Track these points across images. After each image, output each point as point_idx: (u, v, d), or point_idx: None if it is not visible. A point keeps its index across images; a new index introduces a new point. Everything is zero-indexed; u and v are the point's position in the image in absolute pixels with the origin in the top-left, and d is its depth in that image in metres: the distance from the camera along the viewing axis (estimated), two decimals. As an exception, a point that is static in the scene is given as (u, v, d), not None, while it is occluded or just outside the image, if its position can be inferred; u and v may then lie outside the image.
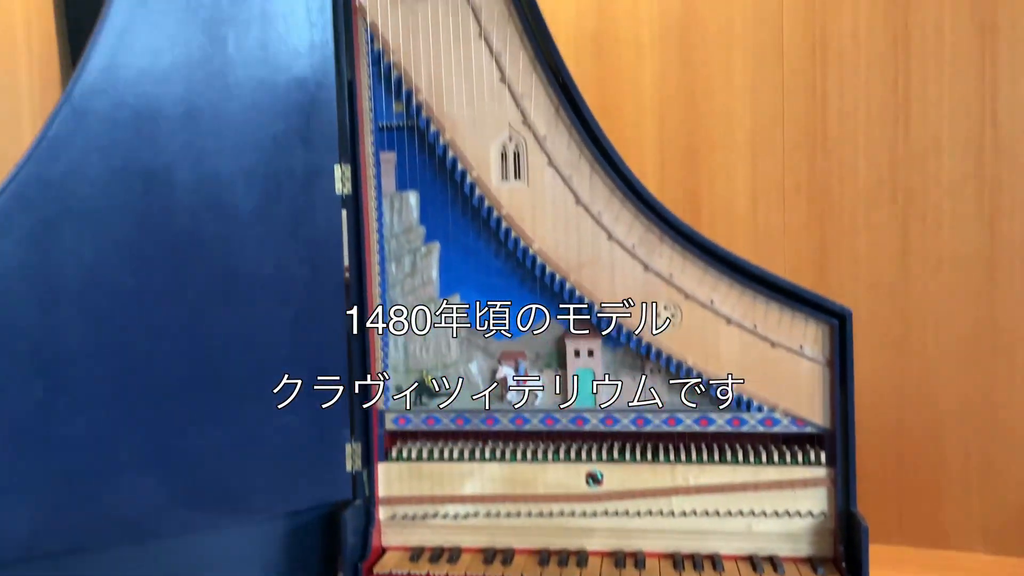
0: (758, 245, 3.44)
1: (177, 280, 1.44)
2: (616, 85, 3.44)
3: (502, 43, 1.56)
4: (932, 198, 3.30)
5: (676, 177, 3.53)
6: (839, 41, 3.22)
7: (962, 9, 3.03)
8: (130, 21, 1.39)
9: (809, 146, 3.41)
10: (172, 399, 1.44)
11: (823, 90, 3.32)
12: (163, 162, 1.41)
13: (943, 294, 3.32)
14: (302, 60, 1.52)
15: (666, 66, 3.37)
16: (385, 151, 1.62)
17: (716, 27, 3.34)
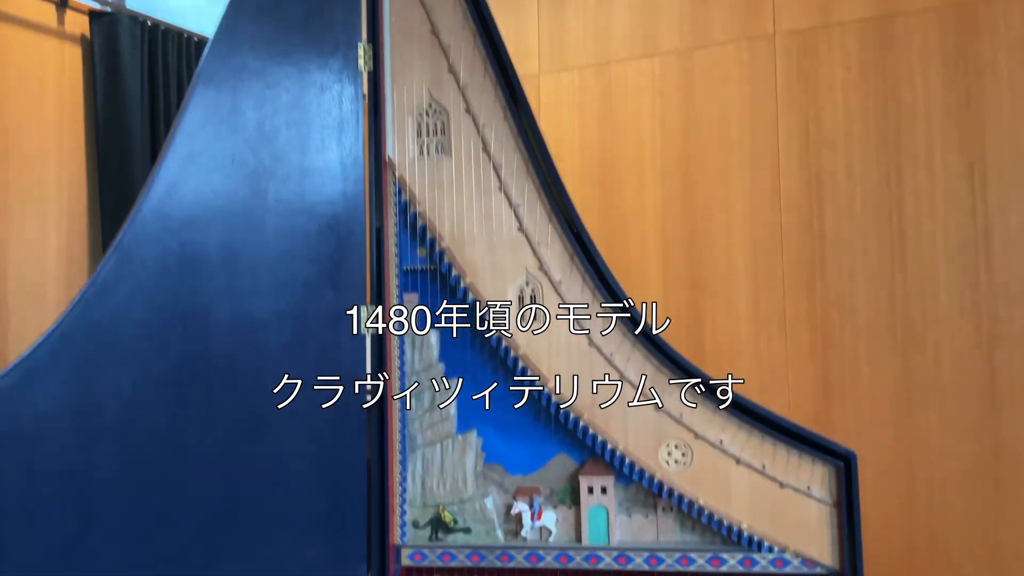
0: (761, 374, 3.51)
1: (210, 417, 1.50)
2: (620, 218, 3.59)
3: (520, 196, 1.67)
4: (931, 331, 3.39)
5: (680, 306, 3.63)
6: (833, 178, 3.38)
7: (951, 147, 3.20)
8: (180, 175, 1.50)
9: (808, 278, 3.52)
10: (200, 534, 1.48)
11: (820, 225, 3.46)
12: (202, 304, 1.50)
13: (946, 425, 3.36)
14: (335, 209, 1.63)
15: (668, 200, 3.53)
16: (408, 292, 1.71)
17: (715, 164, 3.51)
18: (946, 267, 3.33)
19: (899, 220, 3.33)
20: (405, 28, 1.68)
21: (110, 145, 2.96)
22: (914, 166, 3.25)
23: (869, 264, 3.39)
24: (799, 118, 3.37)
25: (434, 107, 1.69)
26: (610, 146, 3.66)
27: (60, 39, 2.97)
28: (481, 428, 1.69)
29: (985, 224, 3.22)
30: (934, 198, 3.24)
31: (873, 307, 3.47)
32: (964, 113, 3.16)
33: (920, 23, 3.17)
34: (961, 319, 3.33)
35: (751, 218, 3.45)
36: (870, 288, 3.44)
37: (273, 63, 1.57)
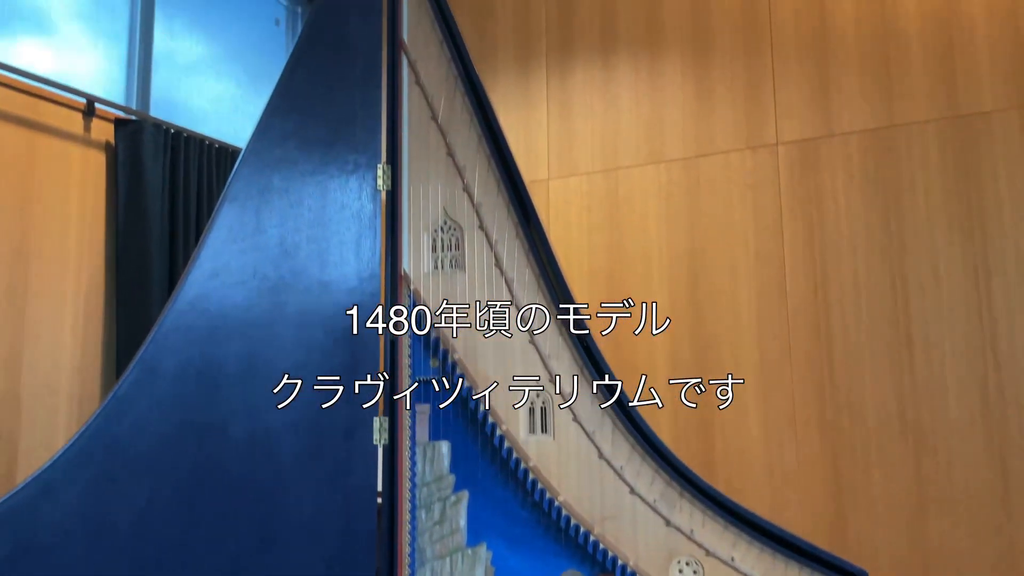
0: (772, 478, 3.49)
1: (222, 528, 1.51)
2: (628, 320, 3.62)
3: (530, 309, 1.71)
4: (941, 436, 3.37)
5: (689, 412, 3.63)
6: (839, 283, 3.43)
7: (954, 254, 3.26)
8: (204, 290, 1.56)
9: (817, 382, 3.54)
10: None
11: (827, 329, 3.49)
12: (219, 417, 1.53)
13: (960, 531, 3.31)
14: (351, 323, 1.67)
15: (675, 303, 3.58)
16: (421, 403, 1.73)
17: (722, 267, 3.58)
18: (955, 371, 3.35)
19: (906, 324, 3.36)
20: (422, 149, 1.76)
21: (129, 247, 3.04)
22: (919, 271, 3.30)
23: (878, 368, 3.41)
24: (803, 224, 3.45)
25: (449, 224, 1.76)
26: (618, 247, 3.73)
27: (86, 145, 3.08)
28: (491, 541, 1.69)
29: (992, 329, 3.25)
30: (940, 303, 3.27)
31: (883, 411, 3.47)
32: (966, 220, 3.23)
33: (920, 134, 3.27)
34: (972, 424, 3.32)
35: (758, 321, 3.49)
36: (879, 392, 3.44)
37: (297, 182, 1.65)
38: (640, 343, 3.62)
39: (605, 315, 3.29)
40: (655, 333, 3.56)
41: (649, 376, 3.59)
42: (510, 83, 4.06)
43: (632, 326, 3.63)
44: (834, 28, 3.45)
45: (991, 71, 3.20)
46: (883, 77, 3.36)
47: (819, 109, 3.50)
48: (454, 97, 1.76)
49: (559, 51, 3.99)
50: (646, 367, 3.61)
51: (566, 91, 3.98)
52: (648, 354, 3.58)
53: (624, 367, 3.52)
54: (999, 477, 3.28)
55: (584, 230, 3.87)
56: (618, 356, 3.55)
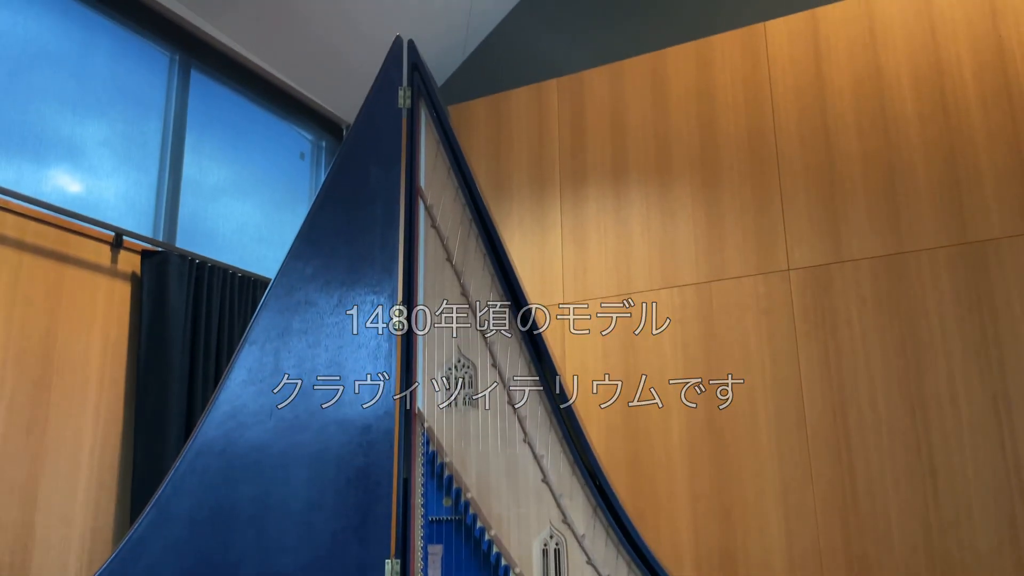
0: (800, 614, 3.36)
1: None
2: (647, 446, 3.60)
3: (543, 446, 1.72)
4: (970, 565, 3.26)
5: (711, 539, 3.55)
6: (858, 409, 3.41)
7: (972, 380, 3.24)
8: (220, 431, 1.58)
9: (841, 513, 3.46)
10: None
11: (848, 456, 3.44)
12: (232, 560, 1.53)
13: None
14: (363, 460, 1.68)
15: (693, 429, 3.55)
16: (433, 544, 1.72)
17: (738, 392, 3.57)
18: (980, 499, 3.27)
19: (928, 453, 3.32)
20: (438, 290, 1.81)
21: (149, 379, 3.08)
22: (938, 399, 3.27)
23: (901, 498, 3.34)
24: (819, 349, 3.45)
25: (463, 362, 1.79)
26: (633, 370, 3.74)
27: (112, 276, 3.16)
28: None
29: (1015, 457, 3.20)
30: (961, 431, 3.23)
31: (909, 543, 3.38)
32: (982, 347, 3.22)
33: (930, 260, 3.31)
34: (1000, 554, 3.22)
35: (778, 447, 3.44)
36: (904, 522, 3.36)
37: (315, 323, 1.70)
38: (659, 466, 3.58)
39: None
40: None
41: (669, 500, 3.54)
42: (525, 211, 4.18)
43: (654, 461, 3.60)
44: (840, 157, 3.56)
45: (997, 197, 3.27)
46: (890, 204, 3.44)
47: (829, 235, 3.56)
48: (468, 239, 1.83)
49: (572, 179, 4.13)
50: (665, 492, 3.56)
51: (580, 218, 4.09)
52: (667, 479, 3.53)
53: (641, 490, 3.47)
54: None
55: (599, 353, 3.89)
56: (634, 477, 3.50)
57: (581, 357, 3.83)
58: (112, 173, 3.30)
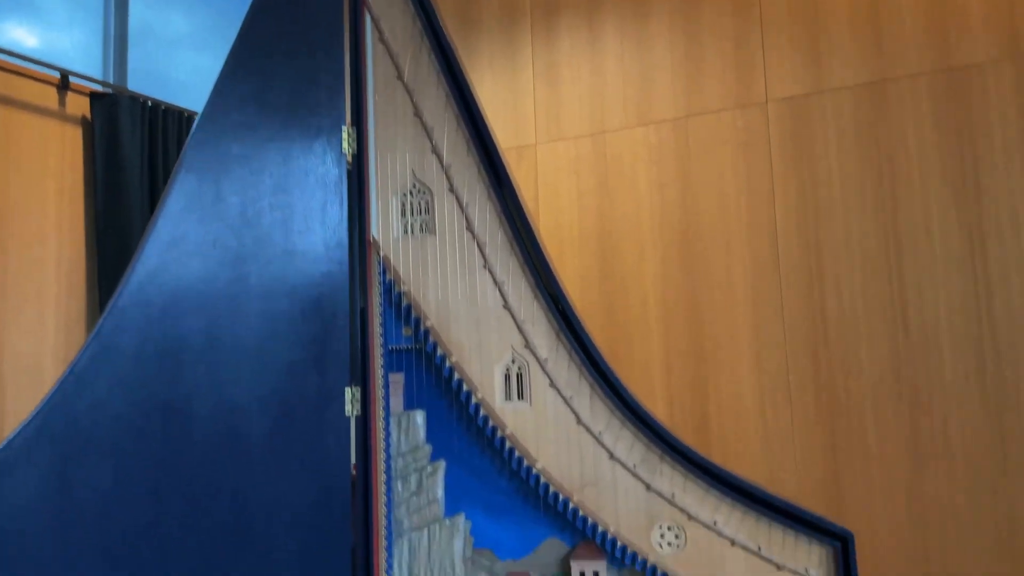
0: (768, 442, 3.45)
1: (190, 511, 1.47)
2: (620, 285, 3.59)
3: (504, 273, 1.66)
4: (937, 394, 3.33)
5: (683, 375, 3.60)
6: (832, 242, 3.38)
7: (948, 210, 3.20)
8: (161, 262, 1.51)
9: (811, 344, 3.49)
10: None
11: (820, 289, 3.44)
12: (183, 394, 1.49)
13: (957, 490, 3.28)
14: (319, 291, 1.62)
15: (668, 266, 3.52)
16: (394, 372, 1.69)
17: (713, 230, 3.52)
18: (949, 330, 3.30)
19: (899, 284, 3.32)
20: (388, 110, 1.70)
21: (109, 224, 2.99)
22: (912, 230, 3.25)
23: (872, 328, 3.37)
24: (795, 183, 3.38)
25: (418, 187, 1.70)
26: (608, 213, 3.67)
27: (61, 120, 3.02)
28: (469, 512, 1.65)
29: (987, 286, 3.20)
30: (934, 261, 3.22)
31: (878, 372, 3.43)
32: (959, 176, 3.16)
33: (911, 88, 3.20)
34: (967, 382, 3.29)
35: (752, 284, 3.44)
36: (874, 352, 3.40)
37: (257, 148, 1.59)
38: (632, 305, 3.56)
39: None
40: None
41: (642, 341, 3.55)
42: (495, 48, 3.98)
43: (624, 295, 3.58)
44: (822, -21, 3.36)
45: (983, 21, 3.11)
46: (873, 30, 3.28)
47: (809, 64, 3.42)
48: (420, 55, 1.70)
49: (544, 13, 3.90)
50: (639, 333, 3.57)
51: (552, 54, 3.89)
52: (641, 320, 3.53)
53: (616, 333, 3.48)
54: (996, 435, 3.25)
55: (573, 197, 3.81)
56: (609, 322, 3.51)
57: (555, 200, 3.75)
58: (61, 20, 3.08)
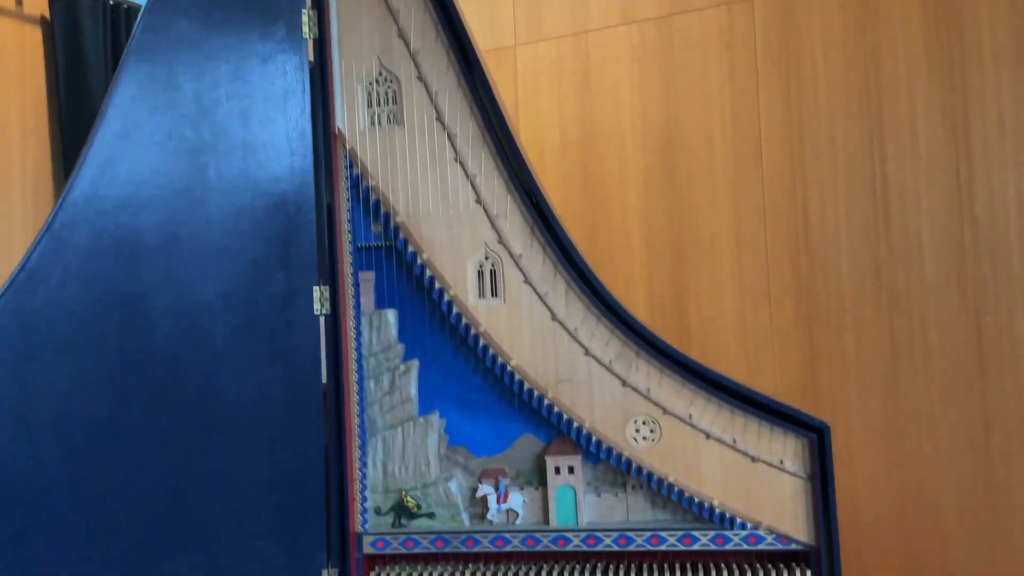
0: (747, 345, 3.45)
1: (154, 409, 1.44)
2: (602, 189, 3.52)
3: (477, 166, 1.60)
4: (917, 297, 3.32)
5: (664, 281, 3.56)
6: (816, 146, 3.31)
7: (934, 112, 3.12)
8: (113, 153, 1.43)
9: (792, 248, 3.46)
10: (147, 529, 1.42)
11: (803, 193, 3.39)
12: (142, 290, 1.43)
13: (934, 391, 3.31)
14: (282, 185, 1.56)
15: (650, 174, 3.45)
16: (364, 271, 1.64)
17: (696, 137, 3.44)
18: (930, 232, 3.27)
19: (883, 186, 3.27)
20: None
21: (74, 127, 2.88)
22: (897, 132, 3.18)
23: (853, 231, 3.33)
24: (780, 85, 3.29)
25: (384, 75, 1.62)
26: (590, 117, 3.58)
27: (19, 21, 2.88)
28: (443, 409, 1.63)
29: (969, 189, 3.16)
30: (917, 163, 3.17)
31: (858, 274, 3.41)
32: (947, 78, 3.08)
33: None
34: (947, 285, 3.27)
35: (734, 188, 3.38)
36: (854, 255, 3.37)
37: (211, 33, 1.50)
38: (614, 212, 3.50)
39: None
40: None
41: (623, 246, 3.50)
42: (471, -58, 3.80)
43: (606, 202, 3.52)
44: None
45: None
46: (864, -82, 3.14)
47: (797, -44, 3.28)
48: (383, -68, 1.59)
49: (522, -97, 3.72)
50: (620, 238, 3.51)
51: (530, -52, 3.72)
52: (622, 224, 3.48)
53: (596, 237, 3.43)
54: (973, 338, 3.25)
55: (555, 100, 3.70)
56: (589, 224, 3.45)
57: (535, 106, 3.64)
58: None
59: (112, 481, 1.39)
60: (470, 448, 1.63)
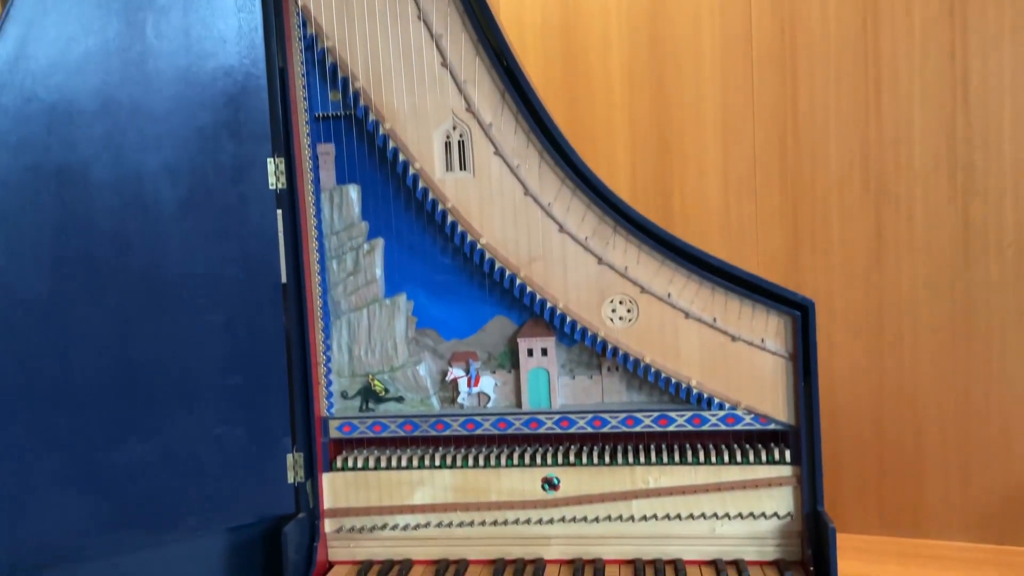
0: (730, 235, 3.37)
1: (97, 284, 1.34)
2: (585, 76, 3.37)
3: (442, 25, 1.47)
4: (904, 184, 3.24)
5: (648, 168, 3.46)
6: (807, 26, 3.16)
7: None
8: (40, 9, 1.29)
9: (779, 134, 3.34)
10: (94, 412, 1.35)
11: (793, 76, 3.25)
12: (79, 159, 1.32)
13: (918, 281, 3.27)
14: (229, 47, 1.43)
15: (635, 56, 3.29)
16: (322, 143, 1.53)
17: (683, 16, 3.27)
18: (922, 115, 3.17)
19: (875, 65, 3.14)
20: None
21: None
22: (891, 8, 3.04)
23: (843, 116, 3.22)
24: (771, -44, 3.12)
25: (339, -76, 1.47)
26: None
27: None
28: (411, 291, 1.55)
29: (964, 69, 3.04)
30: (912, 41, 3.03)
31: (846, 159, 3.31)
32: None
33: None
34: (936, 170, 3.19)
35: (721, 69, 3.24)
36: (843, 139, 3.27)
37: None
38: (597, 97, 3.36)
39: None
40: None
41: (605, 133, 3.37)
42: None
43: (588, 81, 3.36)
44: None
45: None
46: None
47: None
48: None
49: None
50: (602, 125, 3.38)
51: None
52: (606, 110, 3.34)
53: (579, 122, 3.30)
54: (960, 226, 3.19)
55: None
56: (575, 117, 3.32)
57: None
58: None
59: (54, 361, 1.31)
60: (439, 331, 1.56)
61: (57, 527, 1.34)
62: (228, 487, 1.45)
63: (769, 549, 1.45)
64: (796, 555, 1.44)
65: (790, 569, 1.41)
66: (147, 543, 1.40)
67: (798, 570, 1.41)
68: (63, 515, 1.34)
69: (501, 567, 1.48)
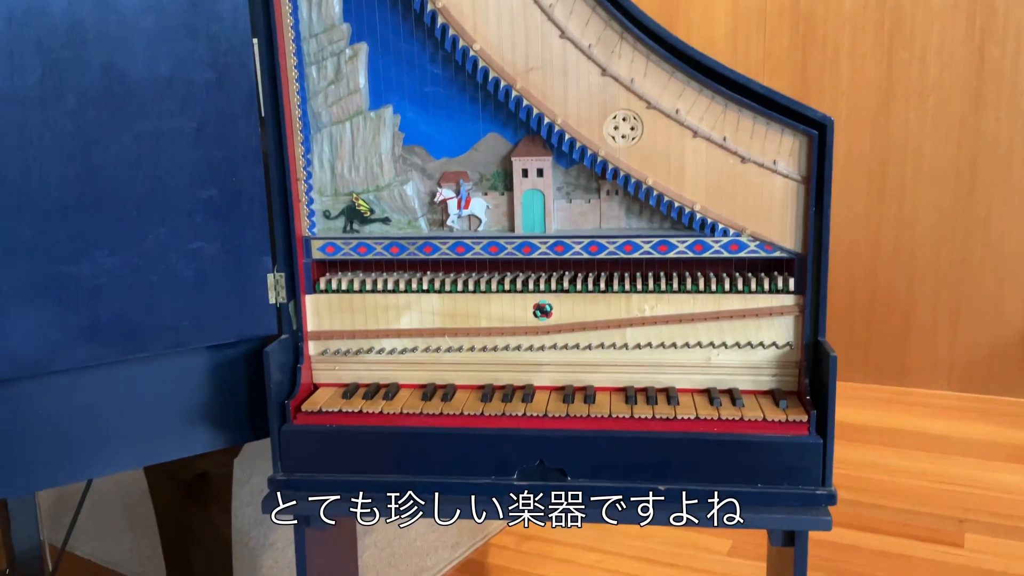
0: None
1: (53, 84, 1.22)
2: None
3: None
4: (920, 23, 3.07)
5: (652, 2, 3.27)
6: None
7: None
8: None
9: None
10: (60, 221, 1.25)
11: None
12: None
13: (925, 126, 3.15)
14: None
15: None
16: (298, -63, 1.37)
17: None
18: (948, -53, 2.99)
19: None
20: None
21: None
22: None
23: (863, -57, 3.03)
24: None
25: None
26: None
27: None
28: (398, 104, 1.43)
29: None
30: None
31: None
32: None
33: None
34: (955, 11, 3.02)
35: None
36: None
37: None
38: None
39: None
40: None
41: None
42: None
43: None
44: None
45: None
46: None
47: None
48: None
49: None
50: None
51: None
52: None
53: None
54: (974, 69, 3.05)
55: None
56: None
57: None
58: None
59: (13, 165, 1.21)
60: (428, 148, 1.46)
61: (24, 340, 1.27)
62: (205, 304, 1.38)
63: (765, 379, 1.41)
64: (792, 385, 1.41)
65: (785, 398, 1.37)
66: (122, 358, 1.35)
67: (793, 400, 1.38)
68: (30, 328, 1.27)
69: (490, 392, 1.44)
